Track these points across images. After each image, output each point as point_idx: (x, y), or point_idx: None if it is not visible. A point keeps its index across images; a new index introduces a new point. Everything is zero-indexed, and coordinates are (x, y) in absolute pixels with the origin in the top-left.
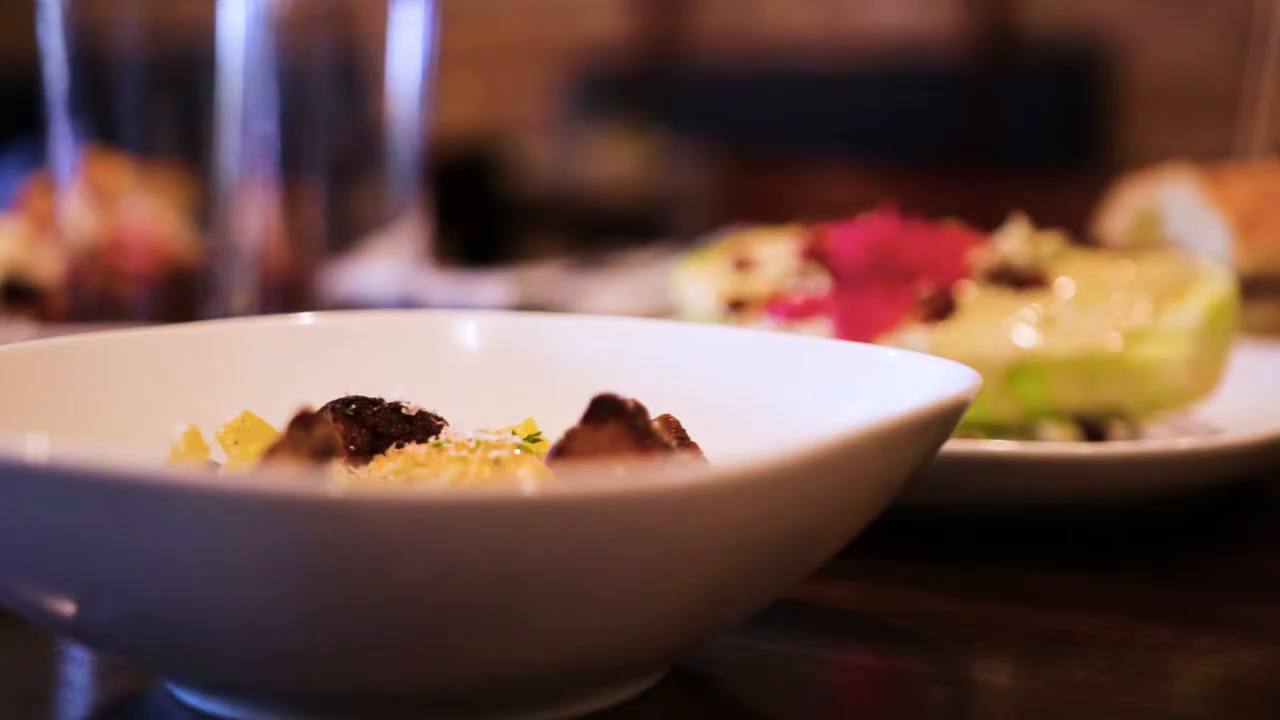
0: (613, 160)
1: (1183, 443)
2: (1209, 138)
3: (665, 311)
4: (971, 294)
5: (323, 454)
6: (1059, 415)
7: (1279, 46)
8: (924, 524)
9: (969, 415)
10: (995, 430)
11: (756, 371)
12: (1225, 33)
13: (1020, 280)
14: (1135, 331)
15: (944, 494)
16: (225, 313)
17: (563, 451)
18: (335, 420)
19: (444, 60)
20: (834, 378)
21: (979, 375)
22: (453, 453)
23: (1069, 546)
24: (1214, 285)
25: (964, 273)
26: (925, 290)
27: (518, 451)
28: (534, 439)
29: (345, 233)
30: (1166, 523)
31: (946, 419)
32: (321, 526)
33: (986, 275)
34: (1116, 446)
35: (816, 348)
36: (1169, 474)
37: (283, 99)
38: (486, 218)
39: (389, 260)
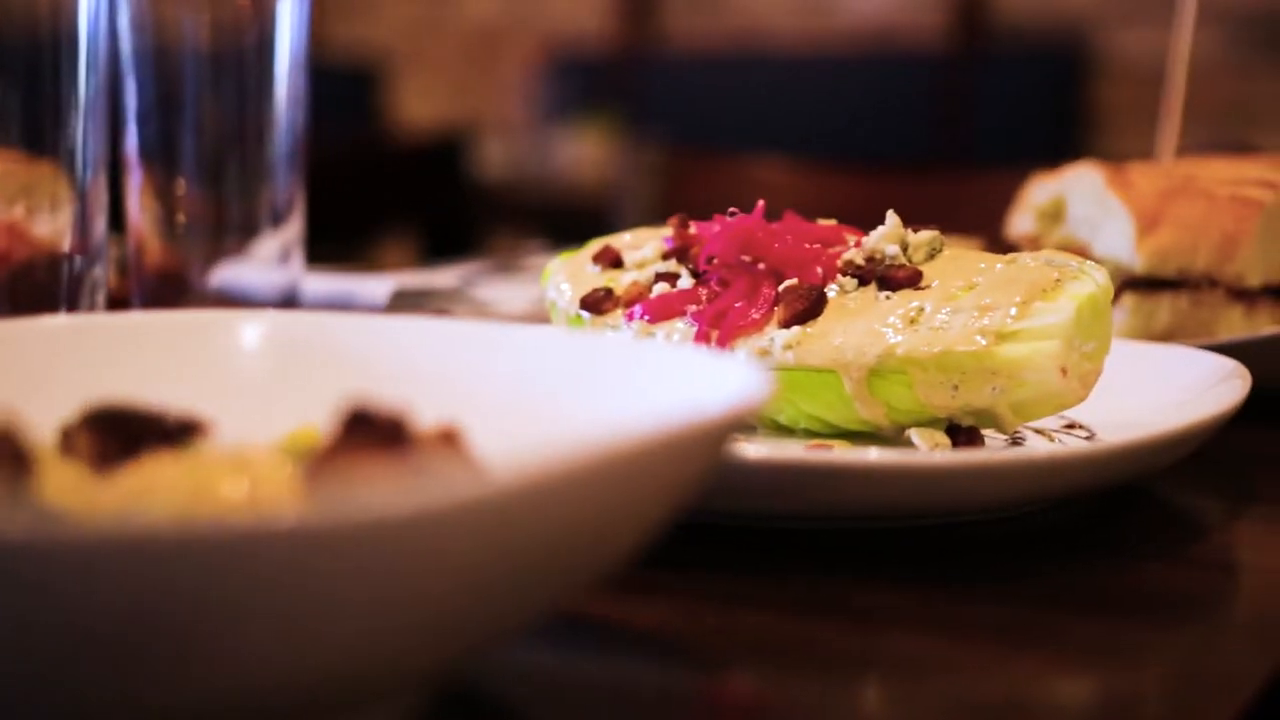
0: (582, 152)
1: (1020, 451)
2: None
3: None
4: (838, 293)
5: (13, 470)
6: (929, 420)
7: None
8: (762, 535)
9: (832, 421)
10: (864, 437)
11: (555, 373)
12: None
13: (889, 278)
14: (1002, 330)
15: (779, 505)
16: (91, 307)
17: (315, 466)
18: (86, 428)
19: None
20: (626, 381)
21: (769, 382)
22: (211, 462)
23: (911, 559)
24: (1087, 283)
25: (832, 271)
26: (790, 289)
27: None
28: (305, 447)
29: (223, 228)
30: (1037, 530)
31: (710, 436)
32: None
33: (855, 273)
34: (942, 456)
35: (613, 348)
36: (1011, 484)
37: (152, 86)
38: (453, 209)
39: (269, 257)
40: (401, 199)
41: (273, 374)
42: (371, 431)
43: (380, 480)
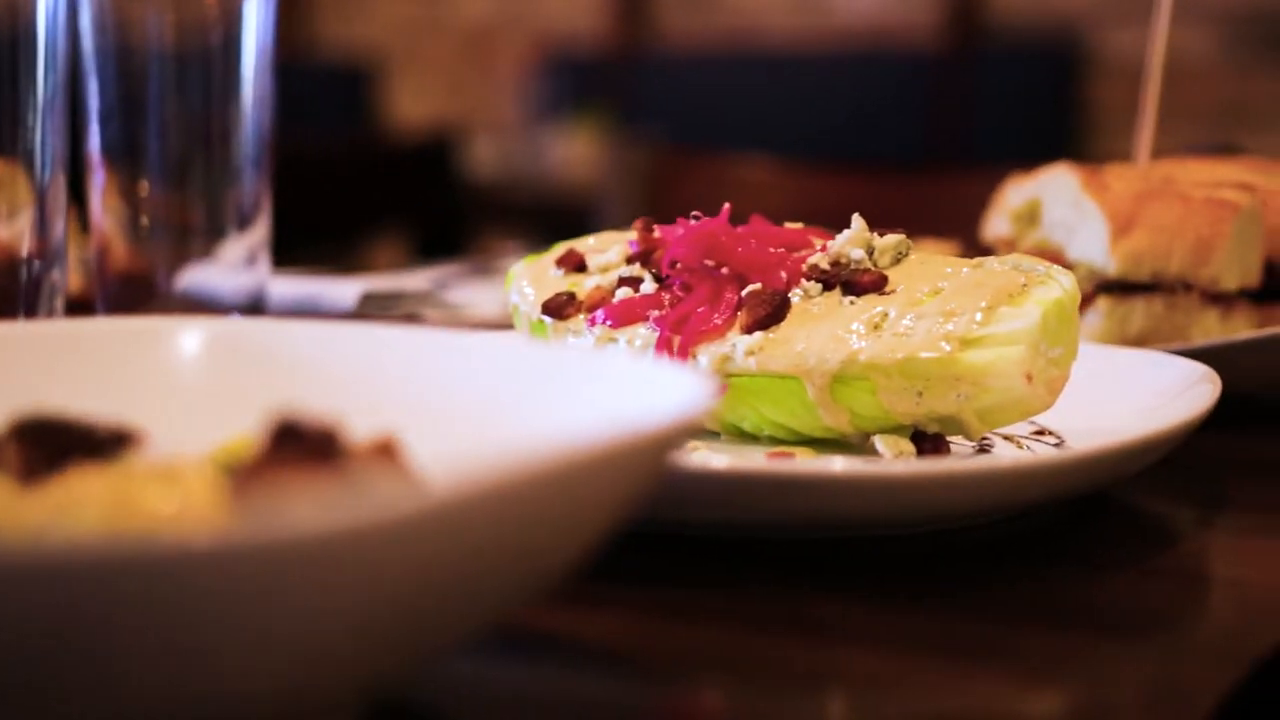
0: (575, 151)
1: (982, 460)
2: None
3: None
4: (802, 298)
5: None
6: (894, 427)
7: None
8: (717, 545)
9: (796, 428)
10: (829, 444)
11: (500, 383)
12: (1202, 17)
13: (853, 283)
14: (967, 336)
15: (733, 515)
16: (50, 311)
17: (242, 480)
18: (14, 439)
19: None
20: (570, 391)
21: (714, 392)
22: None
23: (871, 570)
24: (1053, 288)
25: (797, 275)
26: (753, 294)
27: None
28: (238, 458)
29: (188, 230)
30: (1003, 540)
31: (653, 447)
32: None
33: (820, 278)
34: (902, 466)
35: (558, 357)
36: (972, 494)
37: (114, 86)
38: (445, 209)
39: (236, 260)
40: (394, 198)
41: (211, 383)
42: (301, 444)
43: (308, 495)
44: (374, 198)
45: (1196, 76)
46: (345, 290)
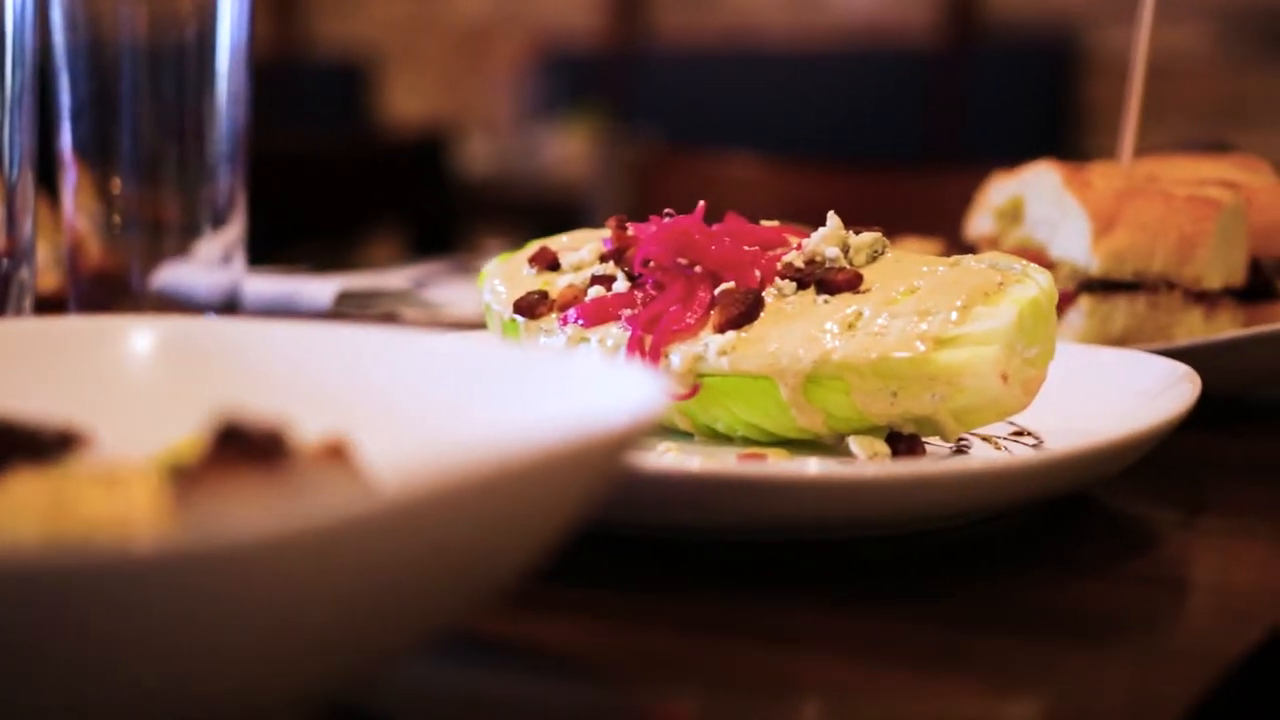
0: (569, 148)
1: (954, 462)
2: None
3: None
4: (776, 296)
5: None
6: (869, 428)
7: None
8: (679, 547)
9: (770, 429)
10: (803, 445)
11: (455, 384)
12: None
13: (828, 282)
14: (941, 336)
15: (696, 518)
16: (19, 310)
17: (184, 484)
18: None
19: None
20: (525, 393)
21: (669, 393)
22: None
23: (838, 573)
24: (1030, 287)
25: (771, 274)
26: (726, 293)
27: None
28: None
29: (162, 228)
30: (977, 543)
31: (607, 448)
32: None
33: (794, 276)
34: (870, 468)
35: (513, 358)
36: (943, 497)
37: (85, 81)
38: (439, 206)
39: (211, 258)
40: (389, 195)
41: (163, 383)
42: (245, 445)
43: (251, 498)
44: (369, 195)
45: (1193, 74)
46: (321, 289)
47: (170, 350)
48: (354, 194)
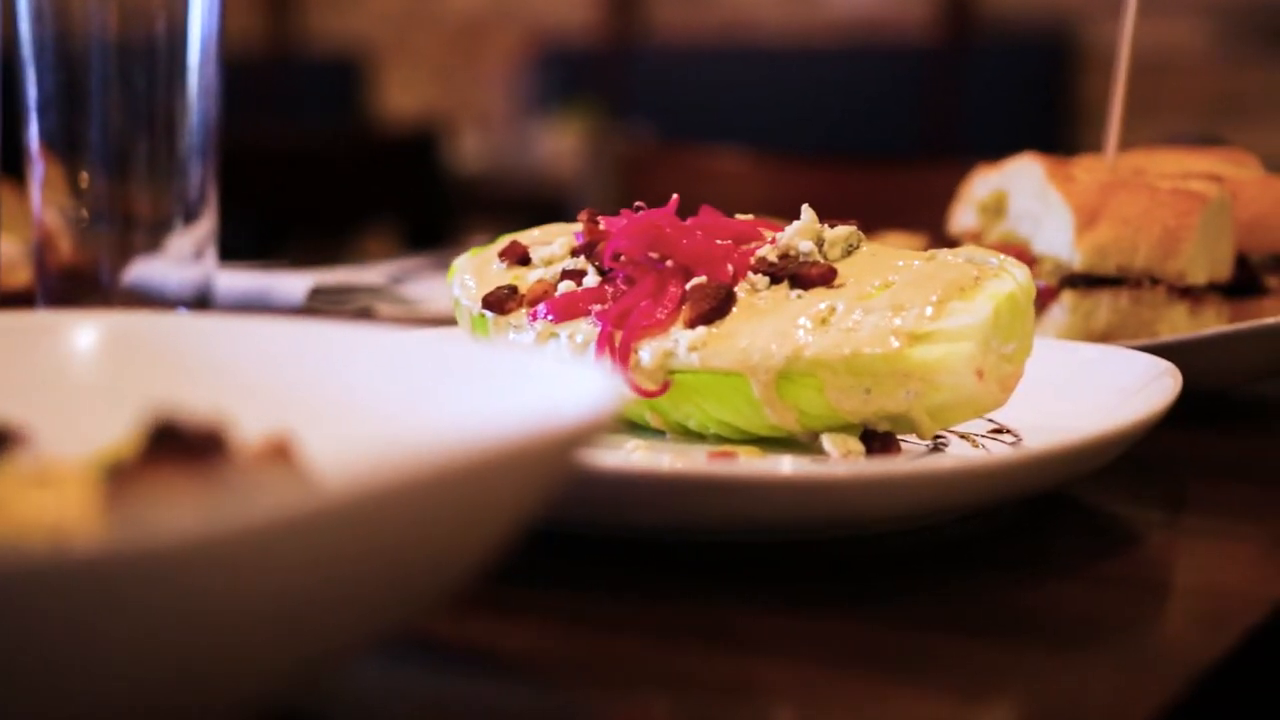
0: (563, 144)
1: (926, 461)
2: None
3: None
4: (748, 291)
5: None
6: (843, 426)
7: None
8: (641, 547)
9: (742, 426)
10: (776, 443)
11: (407, 380)
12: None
13: (801, 276)
14: (916, 331)
15: (660, 519)
16: None
17: (117, 484)
18: None
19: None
20: (476, 389)
21: (625, 391)
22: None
23: (804, 575)
24: (1006, 282)
25: (744, 268)
26: (697, 287)
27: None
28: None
29: (132, 223)
30: (950, 544)
31: (558, 447)
32: None
33: (768, 271)
34: (839, 467)
35: (466, 353)
36: (914, 497)
37: (52, 75)
38: (433, 201)
39: (183, 253)
40: (384, 191)
41: (105, 380)
42: (181, 444)
43: (185, 498)
44: (363, 190)
45: (1190, 70)
46: (295, 284)
47: (114, 346)
48: (348, 189)
